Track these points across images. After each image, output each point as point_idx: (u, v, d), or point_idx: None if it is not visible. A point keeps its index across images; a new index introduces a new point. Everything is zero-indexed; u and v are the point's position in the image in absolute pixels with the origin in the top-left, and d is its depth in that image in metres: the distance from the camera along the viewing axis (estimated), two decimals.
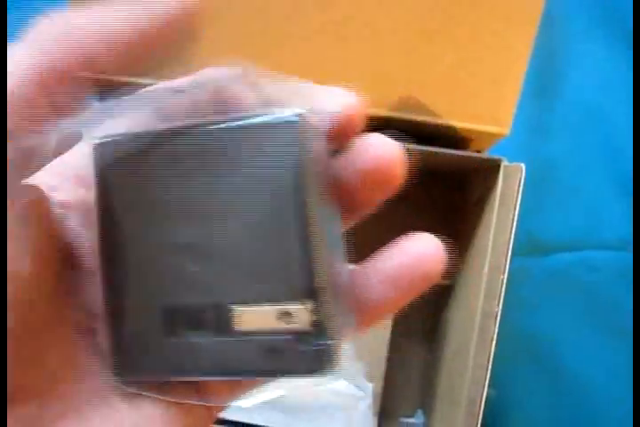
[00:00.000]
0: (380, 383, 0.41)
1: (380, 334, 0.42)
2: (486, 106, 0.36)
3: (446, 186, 0.48)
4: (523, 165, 0.36)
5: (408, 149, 0.18)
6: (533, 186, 0.49)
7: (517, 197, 0.35)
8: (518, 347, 0.48)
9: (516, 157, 0.48)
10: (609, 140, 0.49)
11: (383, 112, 0.36)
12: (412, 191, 0.50)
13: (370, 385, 0.40)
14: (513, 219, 0.36)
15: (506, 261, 0.37)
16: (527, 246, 0.48)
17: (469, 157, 0.38)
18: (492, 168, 0.38)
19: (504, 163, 0.37)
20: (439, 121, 0.36)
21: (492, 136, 0.37)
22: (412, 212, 0.48)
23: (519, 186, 0.35)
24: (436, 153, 0.36)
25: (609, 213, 0.48)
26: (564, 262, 0.48)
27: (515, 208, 0.36)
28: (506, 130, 0.36)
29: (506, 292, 0.47)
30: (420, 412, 0.47)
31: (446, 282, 0.44)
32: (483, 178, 0.40)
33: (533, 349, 0.48)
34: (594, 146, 0.49)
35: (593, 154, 0.49)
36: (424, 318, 0.47)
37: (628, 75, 0.50)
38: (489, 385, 0.45)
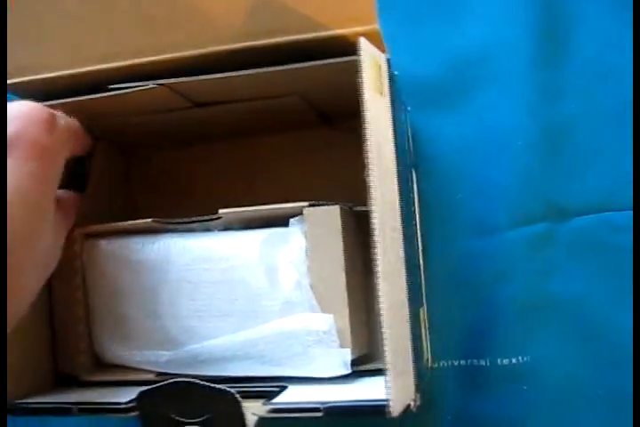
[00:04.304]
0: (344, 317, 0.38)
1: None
2: (344, 6, 0.32)
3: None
4: None
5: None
6: (549, 149, 0.47)
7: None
8: (548, 312, 0.46)
9: (528, 120, 0.47)
10: (621, 98, 0.46)
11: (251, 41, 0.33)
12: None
13: (329, 316, 0.37)
14: None
15: None
16: (548, 212, 0.47)
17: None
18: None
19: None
20: (309, 35, 0.32)
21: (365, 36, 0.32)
22: None
23: None
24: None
25: (627, 173, 0.46)
26: (586, 225, 0.46)
27: None
28: (375, 26, 0.32)
29: (533, 258, 0.47)
30: None
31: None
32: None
33: (564, 313, 0.46)
34: (606, 104, 0.47)
35: (605, 113, 0.47)
36: None
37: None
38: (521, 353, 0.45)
